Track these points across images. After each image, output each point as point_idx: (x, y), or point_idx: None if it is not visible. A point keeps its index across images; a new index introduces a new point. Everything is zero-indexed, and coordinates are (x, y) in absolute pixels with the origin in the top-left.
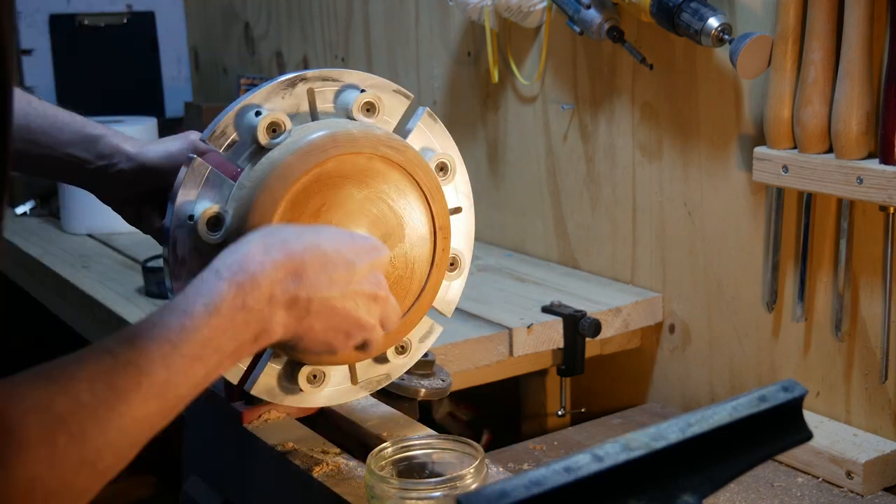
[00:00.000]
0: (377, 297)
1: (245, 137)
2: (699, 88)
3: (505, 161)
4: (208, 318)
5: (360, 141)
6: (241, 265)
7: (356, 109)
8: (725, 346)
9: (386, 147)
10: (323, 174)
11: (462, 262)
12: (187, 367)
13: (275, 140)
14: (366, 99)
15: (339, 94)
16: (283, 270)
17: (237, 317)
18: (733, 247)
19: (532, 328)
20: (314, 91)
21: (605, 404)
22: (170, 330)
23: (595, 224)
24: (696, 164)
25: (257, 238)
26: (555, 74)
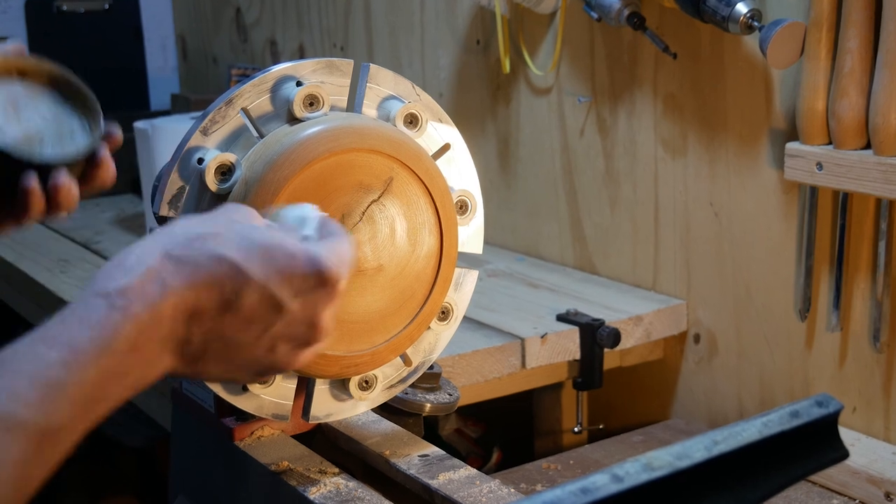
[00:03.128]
0: (313, 340)
1: (196, 189)
2: (726, 79)
3: (517, 158)
4: (97, 357)
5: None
6: (140, 292)
7: (298, 107)
8: (755, 358)
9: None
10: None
11: (454, 312)
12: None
13: (224, 185)
14: (307, 93)
15: (276, 93)
16: (186, 307)
17: (127, 359)
18: (763, 250)
19: (546, 338)
20: (248, 109)
21: (625, 420)
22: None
23: (614, 225)
24: (723, 161)
25: (159, 249)
26: (571, 64)
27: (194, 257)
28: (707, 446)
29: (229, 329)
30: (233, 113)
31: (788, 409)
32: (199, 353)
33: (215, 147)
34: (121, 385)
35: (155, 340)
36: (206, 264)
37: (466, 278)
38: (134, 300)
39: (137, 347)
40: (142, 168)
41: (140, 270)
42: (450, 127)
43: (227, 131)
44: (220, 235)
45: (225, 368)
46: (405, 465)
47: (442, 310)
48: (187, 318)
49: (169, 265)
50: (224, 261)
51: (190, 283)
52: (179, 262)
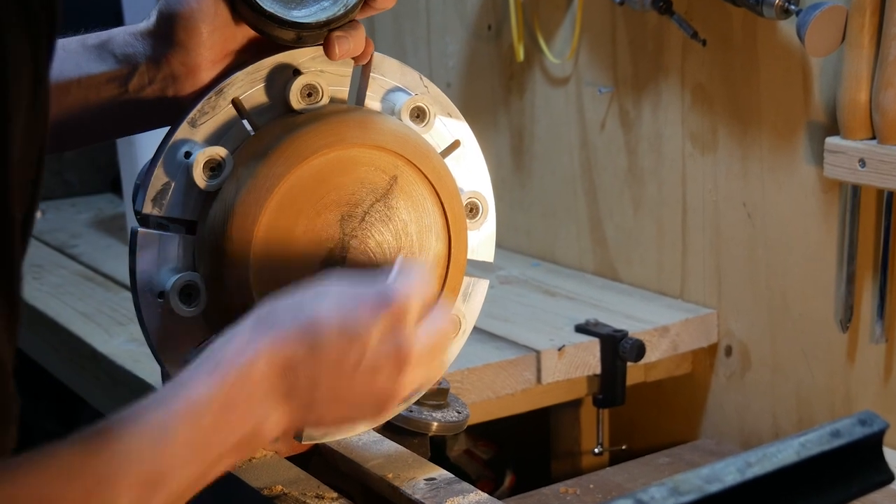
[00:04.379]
0: (402, 360)
1: (183, 185)
2: (760, 68)
3: (531, 154)
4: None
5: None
6: (231, 359)
7: (295, 98)
8: (792, 372)
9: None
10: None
11: (463, 325)
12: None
13: (213, 182)
14: (305, 82)
15: (271, 82)
16: (276, 361)
17: (222, 419)
18: (801, 255)
19: (564, 351)
20: (240, 100)
21: (650, 440)
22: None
23: (638, 228)
24: (756, 158)
25: (251, 321)
26: (590, 51)
27: (277, 318)
28: (739, 469)
29: (325, 371)
30: (223, 104)
31: (828, 429)
32: (307, 401)
33: (204, 140)
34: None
35: (256, 396)
36: (289, 321)
37: (476, 288)
38: (231, 364)
39: (239, 404)
40: (122, 165)
41: (234, 339)
42: (460, 122)
43: (217, 123)
44: (298, 298)
45: (339, 411)
46: (410, 490)
47: None
48: (282, 371)
49: (257, 331)
50: (303, 313)
51: (275, 340)
52: (264, 325)
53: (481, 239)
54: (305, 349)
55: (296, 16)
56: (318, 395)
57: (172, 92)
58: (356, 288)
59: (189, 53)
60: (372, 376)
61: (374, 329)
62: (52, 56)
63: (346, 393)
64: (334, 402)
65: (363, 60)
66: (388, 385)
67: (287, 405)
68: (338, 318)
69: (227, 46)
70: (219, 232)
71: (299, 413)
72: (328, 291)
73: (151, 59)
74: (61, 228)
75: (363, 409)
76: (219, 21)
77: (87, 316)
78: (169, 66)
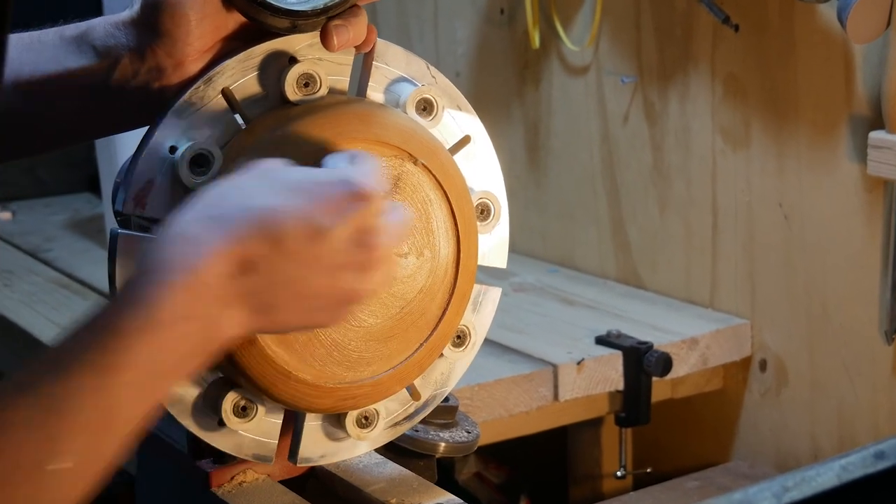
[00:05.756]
0: (369, 258)
1: (168, 184)
2: (798, 56)
3: (548, 149)
4: (143, 334)
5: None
6: (179, 261)
7: (291, 89)
8: (832, 388)
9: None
10: None
11: (472, 337)
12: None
13: (200, 179)
14: (301, 71)
15: (264, 71)
16: (232, 260)
17: (179, 328)
18: (842, 259)
19: (583, 365)
20: (231, 90)
21: (678, 462)
22: (98, 352)
23: (664, 230)
24: (793, 154)
25: (191, 216)
26: (612, 38)
27: (227, 213)
28: (776, 494)
29: (286, 270)
30: (212, 94)
31: (872, 450)
32: (268, 303)
33: (191, 134)
34: (178, 355)
35: (207, 302)
36: (241, 215)
37: (487, 297)
38: (174, 270)
39: (187, 315)
40: (100, 162)
41: (176, 241)
42: (470, 116)
43: (206, 115)
44: (248, 187)
45: (302, 314)
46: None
47: (457, 333)
48: (240, 270)
49: (203, 228)
50: (256, 207)
51: (228, 237)
52: (213, 221)
53: (493, 243)
54: (265, 245)
55: (290, 2)
56: (278, 295)
57: (158, 85)
58: (316, 172)
59: (176, 44)
60: (336, 274)
61: (340, 224)
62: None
63: (310, 291)
64: (296, 301)
65: (365, 49)
66: (352, 285)
67: (245, 308)
68: (300, 209)
69: (216, 35)
70: None
71: (259, 315)
72: (284, 178)
73: (135, 50)
74: (34, 231)
75: (325, 312)
76: (208, 8)
77: (62, 327)
78: (154, 57)
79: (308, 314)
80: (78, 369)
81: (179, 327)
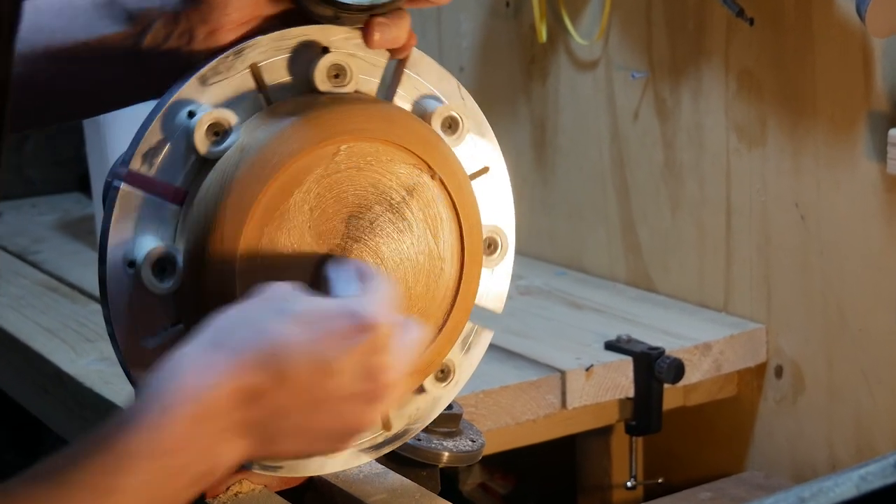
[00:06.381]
0: (376, 392)
1: (180, 148)
2: (815, 51)
3: (555, 147)
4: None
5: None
6: (188, 389)
7: (320, 77)
8: (850, 395)
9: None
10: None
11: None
12: None
13: (215, 149)
14: (333, 61)
15: (296, 56)
16: (237, 392)
17: (182, 457)
18: (861, 262)
19: (592, 371)
20: (259, 67)
21: (690, 472)
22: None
23: (676, 231)
24: (810, 152)
25: (202, 345)
26: (622, 32)
27: (235, 342)
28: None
29: (290, 403)
30: (241, 66)
31: (892, 459)
32: (270, 434)
33: (212, 102)
34: (179, 484)
35: (212, 433)
36: (248, 346)
37: (478, 339)
38: (181, 398)
39: (191, 443)
40: (91, 161)
41: (184, 368)
42: (492, 146)
43: (231, 88)
44: (256, 317)
45: (303, 444)
46: None
47: (442, 368)
48: (244, 402)
49: (211, 357)
50: (264, 338)
51: (236, 368)
52: (221, 351)
53: (493, 283)
54: (271, 378)
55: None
56: (280, 427)
57: (187, 50)
58: (324, 302)
59: (213, 11)
60: (341, 409)
61: (347, 358)
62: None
63: (312, 426)
64: (297, 434)
65: (402, 54)
66: (357, 418)
67: (246, 439)
68: (306, 342)
69: (255, 11)
70: (211, 205)
71: (258, 446)
72: (292, 307)
73: (170, 13)
74: (21, 232)
75: (326, 442)
76: None
77: (51, 331)
78: (188, 21)
79: (309, 445)
80: (78, 490)
81: (182, 457)
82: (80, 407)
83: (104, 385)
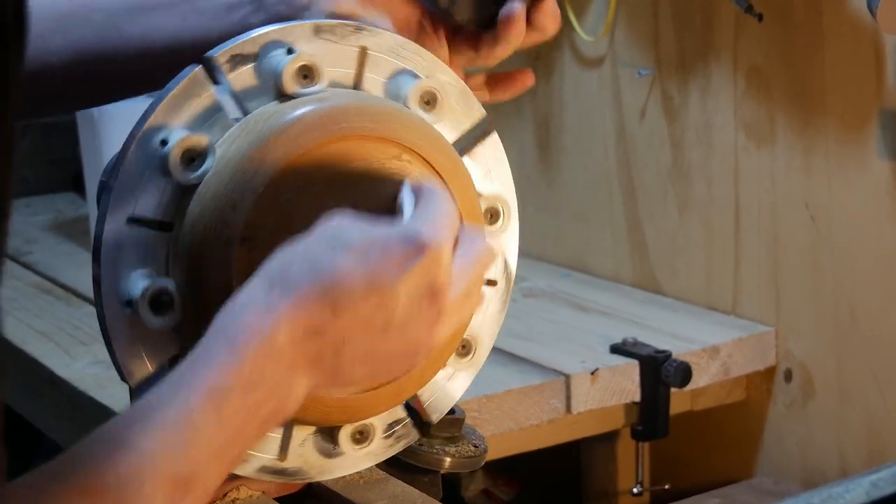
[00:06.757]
0: (437, 311)
1: (158, 178)
2: (826, 47)
3: (560, 146)
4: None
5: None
6: (253, 329)
7: (289, 80)
8: (861, 400)
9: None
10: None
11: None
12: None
13: (192, 175)
14: (300, 62)
15: (261, 62)
16: (298, 326)
17: (255, 395)
18: (872, 263)
19: (597, 375)
20: (367, 50)
21: (698, 478)
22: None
23: (683, 232)
24: (821, 151)
25: (260, 284)
26: (628, 27)
27: (294, 278)
28: None
29: (353, 333)
30: (209, 87)
31: None
32: (335, 366)
33: (184, 126)
34: (255, 421)
35: (280, 370)
36: (307, 280)
37: (489, 298)
38: (249, 338)
39: (263, 381)
40: (85, 160)
41: (248, 308)
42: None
43: (201, 107)
44: (310, 252)
45: (369, 372)
46: None
47: (462, 343)
48: (308, 337)
49: (272, 295)
50: (321, 271)
51: (296, 304)
52: (282, 287)
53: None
54: (330, 311)
55: None
56: (345, 358)
57: None
58: (377, 230)
59: None
60: (403, 332)
61: (404, 282)
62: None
63: (377, 352)
64: (363, 362)
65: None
66: (421, 338)
67: (313, 373)
68: (363, 272)
69: None
70: (197, 233)
71: (325, 378)
72: (346, 238)
73: None
74: (14, 233)
75: (394, 366)
76: None
77: (45, 334)
78: None
79: (375, 372)
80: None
81: (255, 394)
82: (74, 411)
83: (99, 389)
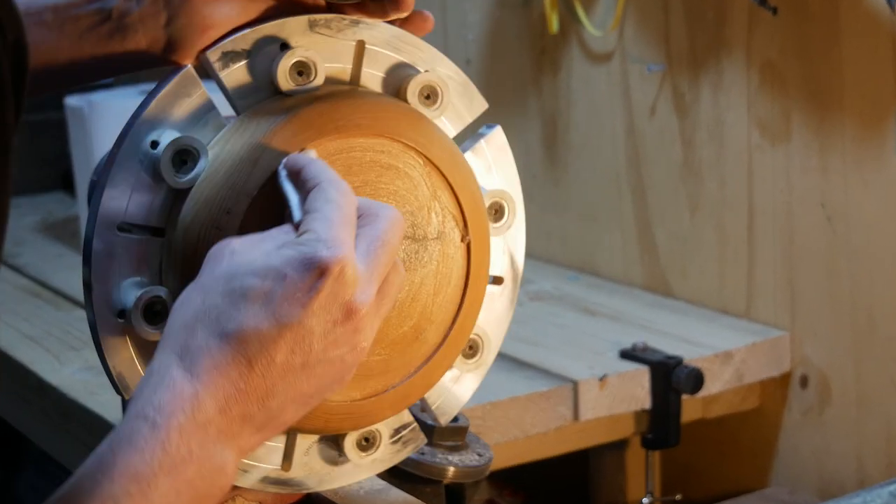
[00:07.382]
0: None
1: (150, 181)
2: (842, 42)
3: (567, 144)
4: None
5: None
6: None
7: (284, 77)
8: (880, 407)
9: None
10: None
11: (484, 345)
12: None
13: (184, 178)
14: (294, 59)
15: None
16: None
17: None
18: (891, 265)
19: (606, 381)
20: (364, 44)
21: (710, 488)
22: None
23: (695, 233)
24: (837, 149)
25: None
26: (638, 22)
27: (201, 345)
28: None
29: (275, 381)
30: (199, 86)
31: None
32: (265, 418)
33: (175, 126)
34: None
35: (208, 443)
36: (215, 343)
37: (496, 297)
38: (170, 416)
39: (191, 458)
40: (75, 158)
41: (162, 386)
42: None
43: (193, 106)
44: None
45: (301, 407)
46: None
47: (469, 344)
48: (232, 401)
49: (184, 368)
50: (227, 331)
51: (210, 371)
52: (191, 358)
53: (506, 248)
54: (247, 368)
55: None
56: (273, 407)
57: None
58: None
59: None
60: (325, 362)
61: (313, 314)
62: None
63: (303, 390)
64: (293, 402)
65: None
66: (345, 358)
67: (243, 433)
68: (269, 318)
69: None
70: (191, 239)
71: (258, 432)
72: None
73: None
74: None
75: (325, 393)
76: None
77: (34, 339)
78: None
79: (307, 405)
80: None
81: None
82: (64, 419)
83: (89, 395)
